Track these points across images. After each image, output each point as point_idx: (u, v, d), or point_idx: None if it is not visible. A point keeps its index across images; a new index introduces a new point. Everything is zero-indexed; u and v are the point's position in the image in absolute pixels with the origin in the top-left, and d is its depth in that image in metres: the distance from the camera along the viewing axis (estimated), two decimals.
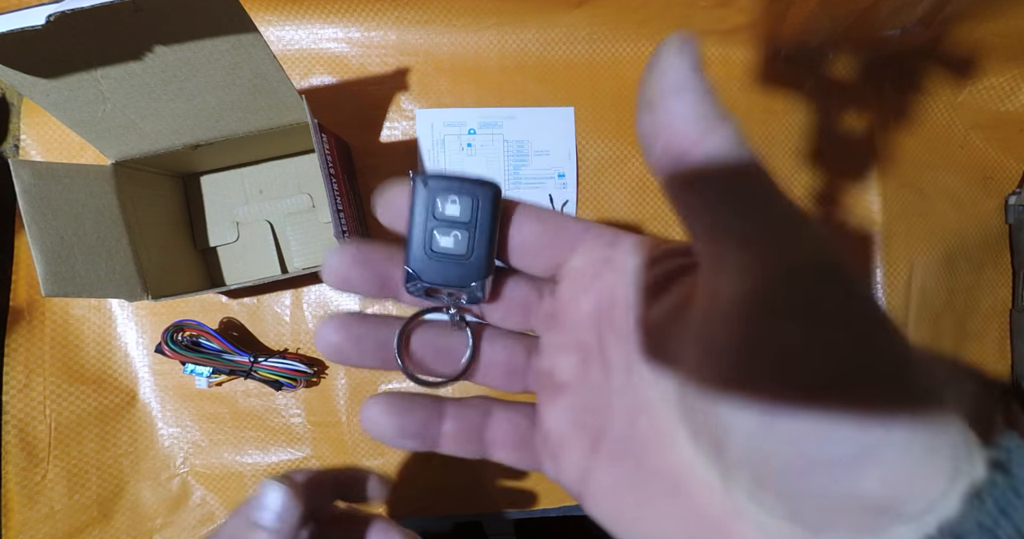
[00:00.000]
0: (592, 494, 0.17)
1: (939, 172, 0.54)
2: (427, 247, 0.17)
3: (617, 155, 0.51)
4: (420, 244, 0.17)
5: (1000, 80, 0.52)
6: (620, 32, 0.51)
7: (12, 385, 0.45)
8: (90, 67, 0.32)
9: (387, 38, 0.50)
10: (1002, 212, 0.55)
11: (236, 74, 0.34)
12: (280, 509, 0.22)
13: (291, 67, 0.49)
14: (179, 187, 0.47)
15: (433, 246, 0.17)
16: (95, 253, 0.36)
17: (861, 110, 0.53)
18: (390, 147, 0.50)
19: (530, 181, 0.50)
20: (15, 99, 0.48)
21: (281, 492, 0.23)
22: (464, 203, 0.17)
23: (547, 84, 0.51)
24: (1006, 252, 0.55)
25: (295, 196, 0.48)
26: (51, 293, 0.33)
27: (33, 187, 0.33)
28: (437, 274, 0.17)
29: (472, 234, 0.17)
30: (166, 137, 0.39)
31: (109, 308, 0.47)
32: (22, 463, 0.45)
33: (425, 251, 0.17)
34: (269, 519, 0.22)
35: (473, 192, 0.17)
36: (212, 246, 0.48)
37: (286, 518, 0.22)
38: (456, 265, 0.17)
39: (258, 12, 0.48)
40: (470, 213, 0.17)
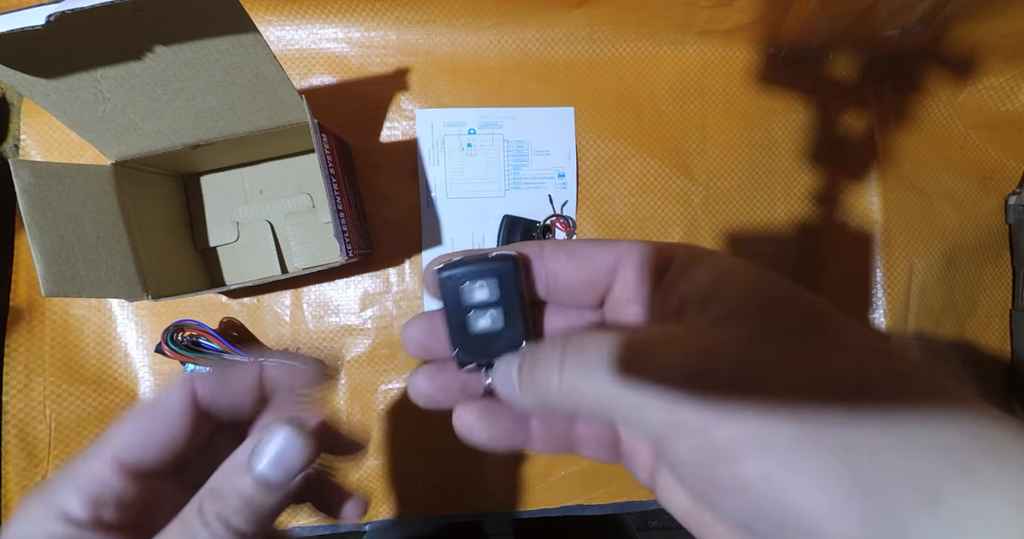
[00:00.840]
0: (659, 491, 0.18)
1: (939, 172, 0.54)
2: (466, 331, 0.18)
3: (617, 155, 0.51)
4: (459, 330, 0.18)
5: (1000, 80, 0.52)
6: (620, 32, 0.51)
7: (12, 385, 0.45)
8: (90, 67, 0.32)
9: (387, 38, 0.50)
10: (1002, 212, 0.55)
11: (236, 74, 0.34)
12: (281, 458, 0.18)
13: (291, 67, 0.49)
14: (179, 187, 0.47)
15: (470, 330, 0.18)
16: (95, 253, 0.36)
17: (861, 110, 0.53)
18: (390, 147, 0.50)
19: (530, 181, 0.50)
20: (15, 99, 0.48)
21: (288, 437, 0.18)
22: (489, 284, 0.18)
23: (547, 84, 0.51)
24: (1006, 252, 0.55)
25: (295, 196, 0.48)
26: (51, 293, 0.33)
27: (33, 187, 0.33)
28: (481, 353, 0.19)
29: (504, 308, 0.18)
30: (166, 137, 0.39)
31: (109, 308, 0.47)
32: (22, 463, 0.45)
33: (465, 335, 0.18)
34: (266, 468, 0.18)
35: (494, 272, 0.18)
36: (212, 246, 0.48)
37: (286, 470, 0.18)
38: (497, 339, 0.18)
39: (258, 12, 0.48)
40: (498, 292, 0.18)
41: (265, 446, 0.18)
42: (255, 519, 0.18)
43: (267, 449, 0.18)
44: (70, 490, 0.16)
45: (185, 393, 0.19)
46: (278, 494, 0.18)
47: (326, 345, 0.49)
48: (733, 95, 0.52)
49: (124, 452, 0.17)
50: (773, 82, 0.52)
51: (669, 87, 0.52)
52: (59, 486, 0.17)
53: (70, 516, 0.16)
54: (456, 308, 0.18)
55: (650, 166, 0.52)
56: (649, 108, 0.52)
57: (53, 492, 0.17)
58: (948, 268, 0.54)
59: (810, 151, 0.53)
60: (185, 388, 0.19)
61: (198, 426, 0.19)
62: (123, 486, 0.17)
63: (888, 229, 0.53)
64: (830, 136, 0.53)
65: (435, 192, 0.50)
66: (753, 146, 0.52)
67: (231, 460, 0.18)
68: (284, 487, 0.18)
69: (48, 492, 0.17)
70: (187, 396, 0.18)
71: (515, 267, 0.18)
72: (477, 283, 0.18)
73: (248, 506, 0.17)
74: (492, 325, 0.18)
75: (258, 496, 0.17)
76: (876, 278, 0.53)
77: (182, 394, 0.18)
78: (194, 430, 0.19)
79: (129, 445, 0.17)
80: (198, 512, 0.17)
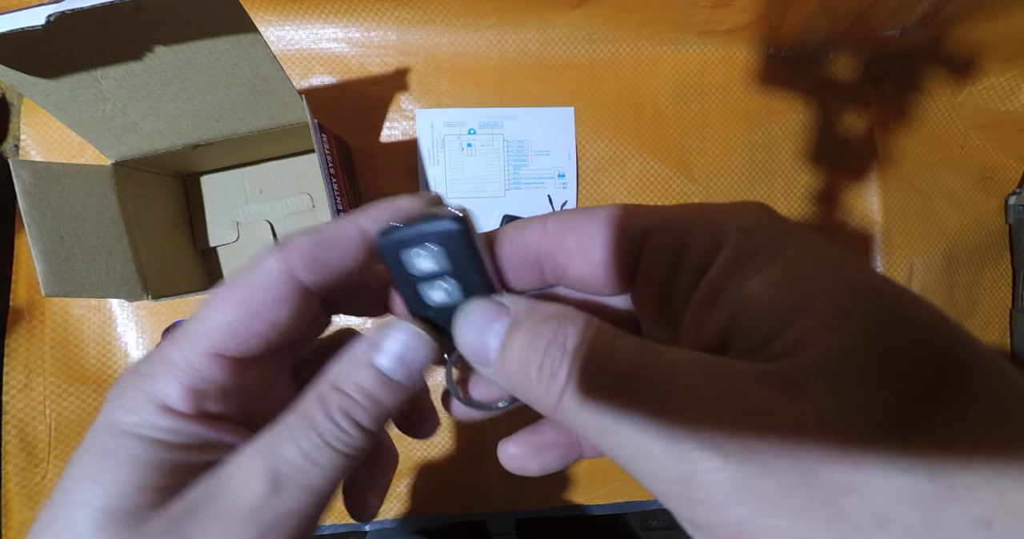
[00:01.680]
0: None
1: (939, 172, 0.54)
2: (421, 307, 0.16)
3: (617, 155, 0.51)
4: (414, 306, 0.16)
5: (1000, 80, 0.52)
6: (620, 32, 0.51)
7: (12, 385, 0.45)
8: (90, 67, 0.32)
9: (387, 38, 0.50)
10: (1002, 212, 0.55)
11: (236, 74, 0.34)
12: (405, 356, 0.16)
13: (291, 67, 0.49)
14: (179, 187, 0.47)
15: (427, 304, 0.16)
16: (95, 253, 0.36)
17: (861, 110, 0.53)
18: (390, 147, 0.50)
19: (530, 181, 0.50)
20: (15, 99, 0.47)
21: (412, 335, 0.16)
22: (434, 251, 0.15)
23: (547, 84, 0.51)
24: (1006, 252, 0.55)
25: (295, 196, 0.48)
26: (51, 293, 0.33)
27: (33, 187, 0.33)
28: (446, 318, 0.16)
29: (459, 279, 0.16)
30: (166, 137, 0.39)
31: (109, 308, 0.47)
32: (22, 463, 0.45)
33: (423, 306, 0.16)
34: (387, 364, 0.16)
35: (437, 235, 0.15)
36: (212, 246, 0.48)
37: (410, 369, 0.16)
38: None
39: (258, 12, 0.48)
40: (445, 259, 0.15)
41: (389, 345, 0.16)
42: (379, 416, 0.16)
43: (391, 348, 0.16)
44: (168, 380, 0.15)
45: (280, 268, 0.16)
46: (400, 393, 0.16)
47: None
48: (733, 95, 0.52)
49: (222, 340, 0.15)
50: (773, 82, 0.52)
51: (669, 87, 0.52)
52: (156, 373, 0.15)
53: (170, 407, 0.15)
54: (403, 281, 0.16)
55: (650, 166, 0.52)
56: (649, 108, 0.52)
57: (151, 378, 0.15)
58: (948, 268, 0.54)
59: (810, 151, 0.53)
60: (279, 260, 0.16)
61: (300, 305, 0.16)
62: (223, 375, 0.16)
63: (888, 229, 0.53)
64: (830, 136, 0.53)
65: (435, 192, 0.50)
66: (753, 146, 0.52)
67: (352, 353, 0.16)
68: (407, 387, 0.17)
69: (145, 378, 0.15)
70: (283, 271, 0.16)
71: (463, 229, 0.15)
72: (417, 250, 0.15)
73: (373, 403, 0.16)
74: (449, 298, 0.16)
75: (381, 394, 0.16)
76: None
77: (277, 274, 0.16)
78: (298, 312, 0.16)
79: (226, 332, 0.15)
80: (319, 402, 0.16)
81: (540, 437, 0.18)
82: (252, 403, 0.17)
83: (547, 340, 0.13)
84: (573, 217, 0.16)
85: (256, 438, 0.16)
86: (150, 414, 0.15)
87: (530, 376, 0.13)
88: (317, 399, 0.16)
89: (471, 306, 0.15)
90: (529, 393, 0.14)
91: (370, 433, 0.16)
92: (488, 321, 0.15)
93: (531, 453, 0.18)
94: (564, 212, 0.16)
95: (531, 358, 0.14)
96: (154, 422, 0.15)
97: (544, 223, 0.16)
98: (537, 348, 0.13)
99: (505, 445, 0.18)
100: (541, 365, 0.13)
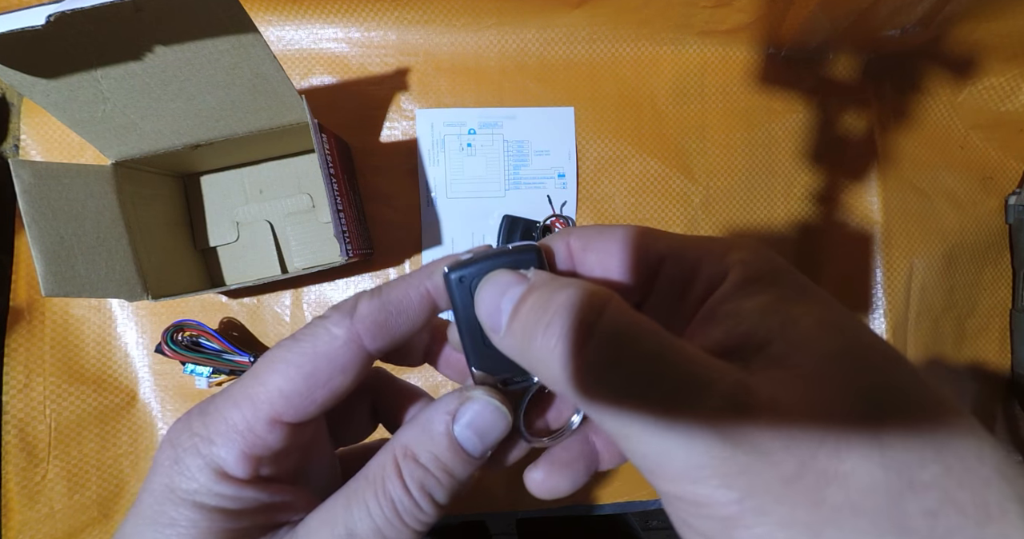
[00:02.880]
0: None
1: (939, 172, 0.54)
2: (486, 342, 0.15)
3: (617, 155, 0.51)
4: (478, 342, 0.15)
5: (1000, 80, 0.52)
6: (620, 32, 0.51)
7: (12, 385, 0.45)
8: (90, 67, 0.32)
9: (387, 38, 0.50)
10: (1002, 212, 0.55)
11: (236, 74, 0.34)
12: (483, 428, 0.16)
13: (291, 67, 0.49)
14: (179, 187, 0.47)
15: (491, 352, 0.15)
16: (95, 253, 0.36)
17: (861, 110, 0.53)
18: (390, 147, 0.50)
19: (530, 181, 0.50)
20: (15, 99, 0.47)
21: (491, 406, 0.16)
22: None
23: (547, 84, 0.51)
24: (1006, 252, 0.55)
25: (295, 196, 0.48)
26: (51, 293, 0.33)
27: (33, 187, 0.33)
28: (504, 365, 0.15)
29: None
30: (166, 137, 0.39)
31: (109, 308, 0.47)
32: (22, 463, 0.45)
33: (485, 346, 0.15)
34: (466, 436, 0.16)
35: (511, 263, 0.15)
36: (212, 246, 0.48)
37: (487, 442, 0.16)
38: None
39: (258, 12, 0.48)
40: None
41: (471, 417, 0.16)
42: (451, 493, 0.16)
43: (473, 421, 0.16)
44: (228, 445, 0.15)
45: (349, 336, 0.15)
46: (472, 467, 0.16)
47: None
48: (733, 95, 0.52)
49: (283, 408, 0.15)
50: (773, 82, 0.52)
51: (669, 87, 0.52)
52: (214, 437, 0.15)
53: (227, 473, 0.15)
54: (471, 315, 0.15)
55: (650, 166, 0.52)
56: (649, 108, 0.52)
57: (209, 443, 0.15)
58: (948, 268, 0.54)
59: (810, 151, 0.53)
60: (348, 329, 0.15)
61: (362, 371, 0.16)
62: (280, 441, 0.15)
63: (888, 229, 0.53)
64: (830, 136, 0.53)
65: (435, 192, 0.50)
66: (753, 146, 0.52)
67: (428, 422, 0.16)
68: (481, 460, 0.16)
69: (203, 441, 0.15)
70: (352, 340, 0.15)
71: (538, 259, 0.15)
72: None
73: (451, 480, 0.16)
74: None
75: (459, 470, 0.16)
76: (876, 278, 0.53)
77: (345, 337, 0.15)
78: (358, 377, 0.16)
79: (289, 400, 0.15)
80: (396, 474, 0.15)
81: (566, 453, 0.18)
82: (298, 461, 0.17)
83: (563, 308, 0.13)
84: (596, 236, 0.16)
85: (325, 507, 0.15)
86: (209, 480, 0.14)
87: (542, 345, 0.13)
88: (393, 469, 0.15)
89: (493, 274, 0.15)
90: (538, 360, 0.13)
91: (442, 509, 0.16)
92: (506, 286, 0.14)
93: (560, 471, 0.17)
94: (585, 230, 0.17)
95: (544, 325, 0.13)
96: (213, 489, 0.14)
97: (566, 241, 0.16)
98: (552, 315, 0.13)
99: (531, 473, 0.17)
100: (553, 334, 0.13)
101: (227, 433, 0.15)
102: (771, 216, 0.52)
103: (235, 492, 0.15)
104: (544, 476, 0.17)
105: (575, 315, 0.13)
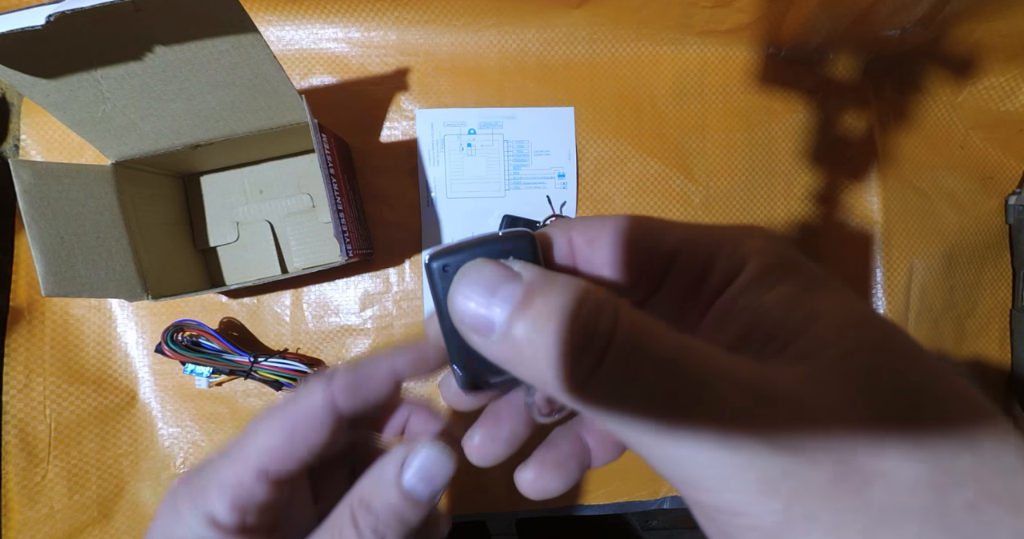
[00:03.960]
0: None
1: (939, 172, 0.54)
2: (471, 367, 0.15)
3: (617, 155, 0.51)
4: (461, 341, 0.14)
5: (1000, 80, 0.52)
6: (620, 32, 0.51)
7: (12, 385, 0.45)
8: (90, 67, 0.32)
9: (387, 38, 0.50)
10: (1002, 212, 0.55)
11: (236, 74, 0.34)
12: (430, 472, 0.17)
13: (291, 67, 0.49)
14: (179, 187, 0.47)
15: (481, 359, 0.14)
16: (95, 253, 0.36)
17: (861, 110, 0.53)
18: (390, 147, 0.50)
19: (530, 181, 0.50)
20: (15, 99, 0.48)
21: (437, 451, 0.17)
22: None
23: (547, 84, 0.51)
24: (1006, 252, 0.55)
25: (295, 196, 0.48)
26: (51, 293, 0.33)
27: (33, 187, 0.33)
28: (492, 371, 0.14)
29: None
30: (166, 137, 0.39)
31: (109, 308, 0.47)
32: (22, 463, 0.45)
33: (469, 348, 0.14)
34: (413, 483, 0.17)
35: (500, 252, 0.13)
36: (212, 246, 0.48)
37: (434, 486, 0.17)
38: None
39: (258, 12, 0.48)
40: None
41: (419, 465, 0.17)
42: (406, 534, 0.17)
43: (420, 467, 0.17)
44: (217, 494, 0.17)
45: (324, 398, 0.17)
46: (423, 511, 0.17)
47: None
48: (733, 95, 0.52)
49: (268, 461, 0.17)
50: (773, 82, 0.52)
51: (669, 87, 0.52)
52: (207, 487, 0.17)
53: (217, 521, 0.16)
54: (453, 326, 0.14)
55: (650, 166, 0.52)
56: (649, 108, 0.52)
57: (202, 493, 0.17)
58: (948, 268, 0.54)
59: (810, 151, 0.53)
60: (323, 391, 0.17)
61: (337, 430, 0.18)
62: (266, 493, 0.17)
63: (888, 229, 0.53)
64: (830, 136, 0.53)
65: (435, 192, 0.50)
66: (753, 146, 0.52)
67: (379, 472, 0.17)
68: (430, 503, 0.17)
69: (195, 492, 0.17)
70: (327, 401, 0.17)
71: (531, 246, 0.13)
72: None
73: (399, 522, 0.17)
74: None
75: (407, 511, 0.17)
76: (876, 278, 0.53)
77: (321, 398, 0.17)
78: (333, 435, 0.18)
79: (273, 454, 0.17)
80: (352, 524, 0.17)
81: (556, 452, 0.18)
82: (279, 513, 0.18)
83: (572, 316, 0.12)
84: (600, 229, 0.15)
85: None
86: (200, 527, 0.16)
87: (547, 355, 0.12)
88: (349, 519, 0.17)
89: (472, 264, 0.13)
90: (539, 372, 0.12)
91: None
92: (494, 285, 0.13)
93: (552, 471, 0.18)
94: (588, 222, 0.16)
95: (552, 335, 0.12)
96: (202, 534, 0.16)
97: (567, 234, 0.16)
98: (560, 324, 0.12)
99: (522, 473, 0.18)
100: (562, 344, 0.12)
101: (219, 485, 0.17)
102: (771, 216, 0.52)
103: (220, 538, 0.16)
104: (535, 476, 0.18)
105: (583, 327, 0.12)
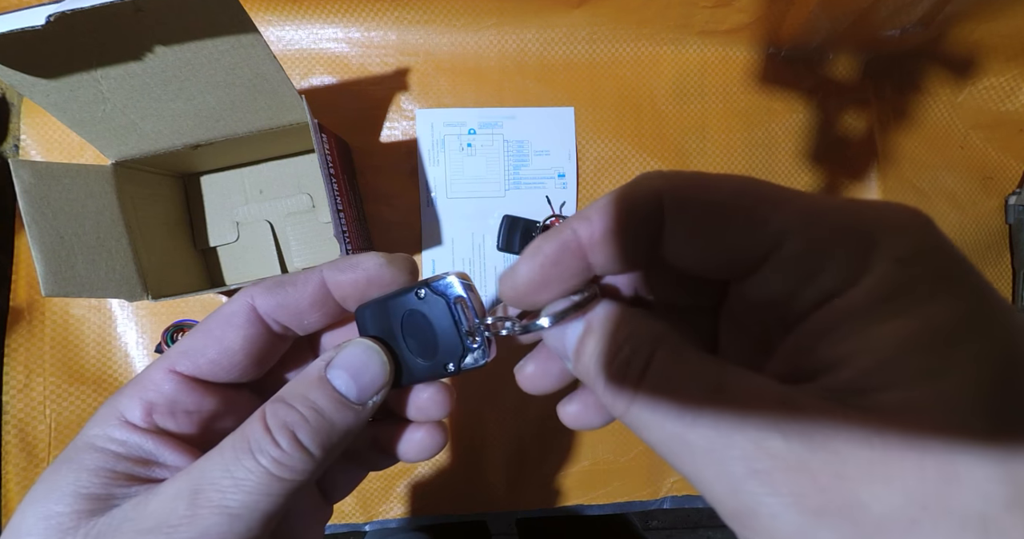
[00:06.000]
0: None
1: (939, 172, 0.54)
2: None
3: (617, 155, 0.51)
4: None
5: (1000, 80, 0.52)
6: (620, 32, 0.51)
7: (12, 385, 0.45)
8: (90, 67, 0.32)
9: (387, 38, 0.50)
10: (1002, 212, 0.55)
11: (236, 74, 0.34)
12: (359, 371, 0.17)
13: (291, 67, 0.49)
14: (179, 187, 0.47)
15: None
16: (95, 253, 0.36)
17: (861, 110, 0.53)
18: (390, 147, 0.50)
19: (530, 181, 0.50)
20: (15, 99, 0.48)
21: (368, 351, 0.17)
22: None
23: (547, 84, 0.51)
24: (1006, 252, 0.55)
25: (295, 196, 0.48)
26: (51, 293, 0.33)
27: (33, 187, 0.33)
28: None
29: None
30: (166, 137, 0.39)
31: (109, 308, 0.47)
32: (22, 463, 0.45)
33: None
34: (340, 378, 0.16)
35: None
36: (212, 246, 0.48)
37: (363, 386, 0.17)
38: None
39: (258, 12, 0.48)
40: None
41: (342, 358, 0.17)
42: (324, 437, 0.15)
43: (344, 361, 0.17)
44: (131, 394, 0.17)
45: (242, 303, 0.17)
46: (352, 414, 0.16)
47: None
48: (733, 95, 0.52)
49: (178, 360, 0.17)
50: (773, 82, 0.52)
51: (669, 87, 0.52)
52: (122, 392, 0.17)
53: (126, 419, 0.16)
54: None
55: (650, 166, 0.52)
56: (649, 108, 0.52)
57: (117, 397, 0.17)
58: None
59: (810, 151, 0.53)
60: (243, 298, 0.17)
61: (258, 337, 0.17)
62: (180, 393, 0.17)
63: None
64: (830, 136, 0.53)
65: (435, 192, 0.50)
66: (753, 146, 0.52)
67: (305, 371, 0.17)
68: (360, 407, 0.16)
69: (114, 397, 0.17)
70: (244, 306, 0.17)
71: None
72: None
73: (319, 419, 0.15)
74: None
75: (330, 410, 0.16)
76: None
77: (238, 304, 0.17)
78: (253, 341, 0.17)
79: (183, 353, 0.17)
80: (261, 419, 0.15)
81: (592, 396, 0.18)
82: (218, 431, 0.18)
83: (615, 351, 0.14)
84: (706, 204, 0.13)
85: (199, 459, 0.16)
86: (110, 426, 0.16)
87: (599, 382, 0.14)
88: (259, 414, 0.16)
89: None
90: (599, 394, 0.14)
91: (310, 456, 0.15)
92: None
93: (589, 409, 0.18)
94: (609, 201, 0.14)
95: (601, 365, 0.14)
96: (110, 434, 0.16)
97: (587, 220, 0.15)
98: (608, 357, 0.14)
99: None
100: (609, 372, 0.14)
101: (133, 384, 0.17)
102: None
103: (130, 438, 0.16)
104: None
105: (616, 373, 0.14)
